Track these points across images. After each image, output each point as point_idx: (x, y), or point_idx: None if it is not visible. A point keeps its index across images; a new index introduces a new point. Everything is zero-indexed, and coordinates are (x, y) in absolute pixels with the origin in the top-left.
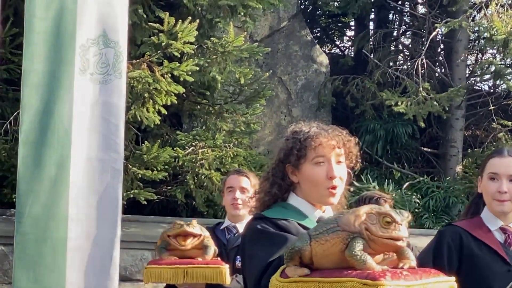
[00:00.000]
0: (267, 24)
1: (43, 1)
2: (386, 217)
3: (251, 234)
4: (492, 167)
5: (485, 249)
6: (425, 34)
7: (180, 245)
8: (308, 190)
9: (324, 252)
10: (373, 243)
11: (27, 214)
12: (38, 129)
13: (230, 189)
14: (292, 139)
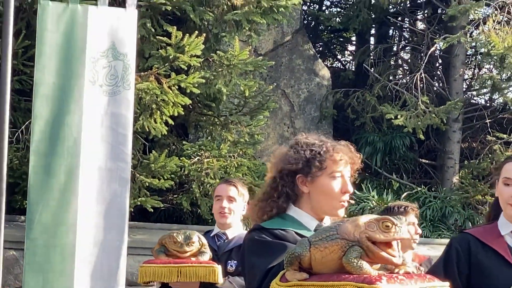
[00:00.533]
0: (271, 39)
1: (55, 14)
2: (386, 222)
3: (250, 245)
4: (506, 172)
5: (492, 255)
6: (424, 49)
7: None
8: (320, 201)
9: (323, 258)
10: (371, 254)
11: (37, 221)
12: (49, 139)
13: (218, 198)
14: (309, 151)
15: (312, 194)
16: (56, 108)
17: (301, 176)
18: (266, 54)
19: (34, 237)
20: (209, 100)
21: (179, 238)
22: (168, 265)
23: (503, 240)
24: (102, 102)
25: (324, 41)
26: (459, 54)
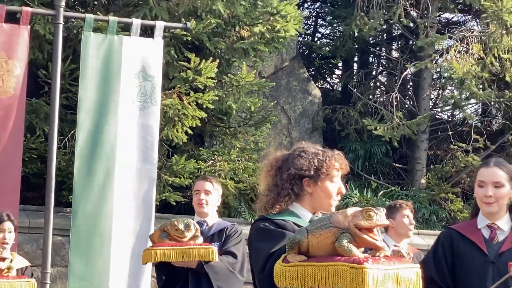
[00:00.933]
0: (272, 64)
1: (96, 43)
2: (368, 211)
3: (256, 232)
4: (480, 176)
5: (470, 245)
6: (398, 73)
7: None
8: (321, 200)
9: (319, 243)
10: (357, 238)
11: (81, 212)
12: (90, 145)
13: (197, 192)
14: (317, 160)
15: (314, 194)
16: (96, 120)
17: (308, 180)
18: (268, 76)
19: (78, 225)
20: (221, 114)
21: (180, 225)
22: (175, 247)
23: (480, 233)
24: (134, 115)
25: (316, 66)
26: (427, 78)
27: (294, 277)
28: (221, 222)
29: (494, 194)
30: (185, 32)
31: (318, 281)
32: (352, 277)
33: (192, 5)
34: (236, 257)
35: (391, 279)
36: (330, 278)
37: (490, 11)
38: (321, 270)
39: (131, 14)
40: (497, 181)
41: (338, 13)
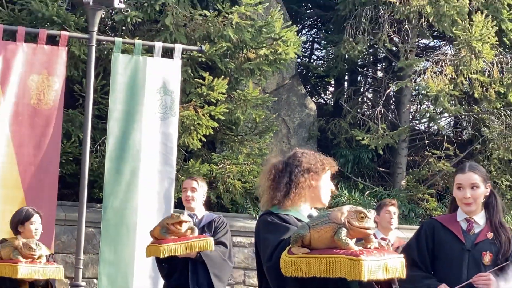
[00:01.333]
0: (275, 82)
1: (123, 62)
2: (361, 214)
3: (263, 224)
4: (457, 180)
5: (449, 234)
6: (382, 90)
7: (179, 230)
8: (321, 191)
9: (319, 237)
10: (352, 231)
11: (110, 206)
12: (118, 149)
13: (185, 189)
14: (320, 160)
15: (316, 186)
16: (124, 128)
17: (312, 174)
18: (271, 92)
19: (107, 219)
20: (230, 124)
21: (176, 219)
22: (179, 242)
23: (458, 224)
24: (156, 124)
25: (312, 84)
26: (407, 94)
27: (299, 267)
28: (209, 214)
29: (471, 195)
30: (200, 54)
31: (320, 270)
32: (350, 267)
33: (206, 30)
34: (226, 246)
35: (381, 268)
36: (330, 268)
37: (461, 39)
38: (322, 261)
39: (154, 38)
40: (473, 183)
41: (331, 38)
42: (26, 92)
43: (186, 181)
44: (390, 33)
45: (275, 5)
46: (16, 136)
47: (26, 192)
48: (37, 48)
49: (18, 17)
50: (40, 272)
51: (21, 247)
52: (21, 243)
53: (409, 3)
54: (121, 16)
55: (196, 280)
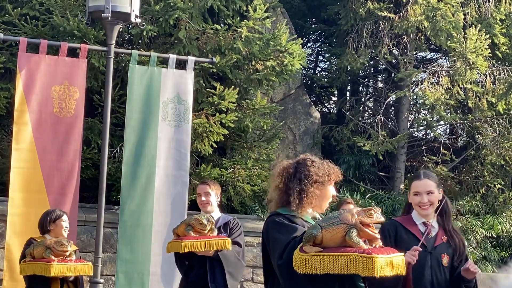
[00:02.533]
0: (281, 91)
1: (139, 73)
2: (369, 211)
3: (273, 225)
4: (414, 187)
5: (411, 235)
6: (382, 100)
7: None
8: (324, 200)
9: (331, 237)
10: (361, 232)
11: (127, 209)
12: (135, 155)
13: (199, 195)
14: (326, 169)
15: (321, 196)
16: (139, 135)
17: (318, 183)
18: (278, 101)
19: (124, 220)
20: (240, 131)
21: (203, 220)
22: (199, 239)
23: (417, 227)
24: (170, 131)
25: (316, 94)
26: (405, 104)
27: (313, 264)
28: (225, 216)
29: (428, 200)
30: (211, 65)
31: (334, 267)
32: (364, 264)
33: (217, 43)
34: (241, 246)
35: (388, 265)
36: (344, 265)
37: (456, 51)
38: (337, 258)
39: (168, 51)
40: (429, 190)
41: (334, 51)
42: (49, 101)
43: (200, 187)
44: (390, 46)
45: (282, 20)
46: (39, 143)
47: (50, 195)
48: (59, 60)
49: (41, 31)
50: (72, 269)
51: (53, 245)
52: (53, 241)
53: (408, 19)
54: (138, 30)
55: (213, 277)
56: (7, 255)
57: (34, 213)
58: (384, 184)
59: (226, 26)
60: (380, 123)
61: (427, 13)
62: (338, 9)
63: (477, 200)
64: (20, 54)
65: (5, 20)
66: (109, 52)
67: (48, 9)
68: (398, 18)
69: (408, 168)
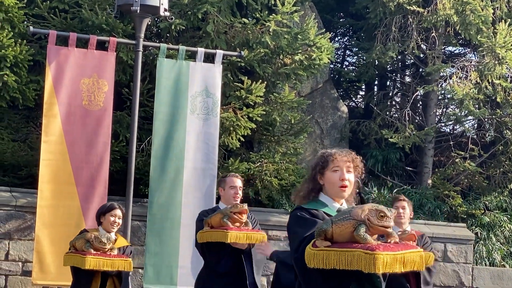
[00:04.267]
0: (309, 85)
1: (168, 67)
2: (381, 213)
3: (294, 218)
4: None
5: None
6: (410, 94)
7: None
8: (328, 188)
9: (341, 232)
10: (371, 228)
11: (155, 202)
12: (163, 149)
13: (233, 187)
14: (320, 157)
15: (325, 184)
16: (168, 128)
17: (318, 174)
18: (306, 95)
19: (153, 213)
20: (267, 125)
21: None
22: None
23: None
24: (198, 125)
25: (344, 88)
26: (433, 98)
27: (320, 259)
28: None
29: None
30: (239, 59)
31: (340, 263)
32: (366, 260)
33: (245, 37)
34: None
35: (398, 262)
36: (348, 260)
37: (485, 46)
38: (341, 254)
39: (196, 44)
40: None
41: (362, 45)
42: (78, 94)
43: (234, 179)
44: (418, 40)
45: (310, 14)
46: (69, 136)
47: (79, 188)
48: (88, 53)
49: (70, 25)
50: (109, 264)
51: (93, 240)
52: (93, 236)
53: (436, 13)
54: (166, 23)
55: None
56: (37, 247)
57: (63, 205)
58: (412, 179)
59: (254, 20)
60: (407, 118)
61: (456, 7)
62: (366, 3)
63: (505, 196)
64: (49, 47)
65: (35, 13)
66: (137, 46)
67: (77, 2)
68: (427, 12)
69: (436, 163)
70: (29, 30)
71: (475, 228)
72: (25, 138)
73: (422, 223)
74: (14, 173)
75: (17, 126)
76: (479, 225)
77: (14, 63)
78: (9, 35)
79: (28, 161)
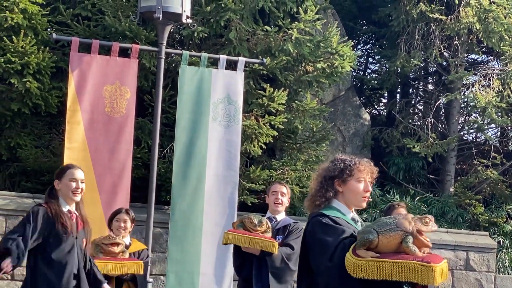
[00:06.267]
0: (331, 93)
1: (190, 74)
2: (425, 219)
3: (319, 225)
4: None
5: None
6: (432, 102)
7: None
8: (350, 197)
9: (388, 243)
10: (416, 240)
11: (177, 208)
12: (185, 155)
13: (274, 193)
14: (343, 164)
15: (345, 192)
16: (190, 135)
17: (338, 180)
18: (328, 103)
19: (175, 220)
20: (289, 133)
21: (255, 220)
22: (243, 235)
23: None
24: (220, 132)
25: (366, 95)
26: (456, 106)
27: (370, 270)
28: (287, 219)
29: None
30: (261, 66)
31: (393, 274)
32: (423, 273)
33: (268, 45)
34: (293, 249)
35: (438, 273)
36: (403, 272)
37: (508, 54)
38: (395, 265)
39: (219, 51)
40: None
41: (385, 53)
42: (101, 101)
43: (277, 185)
44: (441, 48)
45: (333, 22)
46: (91, 142)
47: (102, 194)
48: (110, 60)
49: (93, 32)
50: (118, 267)
51: (102, 243)
52: (102, 239)
53: (459, 20)
54: (189, 30)
55: (259, 276)
56: None
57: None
58: (434, 187)
59: (276, 28)
60: (430, 126)
61: (479, 15)
62: (389, 11)
63: None
64: (72, 54)
65: (58, 20)
66: (160, 53)
67: (100, 9)
68: (450, 20)
69: (458, 171)
70: (52, 37)
71: (497, 236)
72: (48, 144)
73: (444, 231)
74: (37, 179)
75: (40, 133)
76: (502, 234)
77: (37, 70)
78: (32, 42)
79: (50, 167)
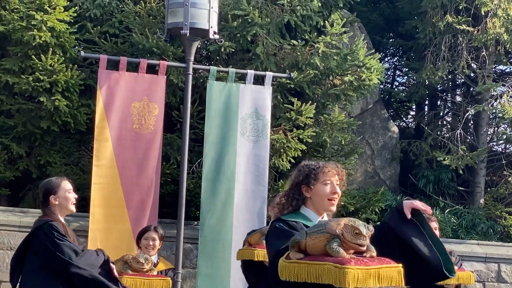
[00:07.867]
0: (359, 106)
1: (218, 89)
2: (356, 230)
3: (271, 230)
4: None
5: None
6: (461, 114)
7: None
8: (317, 201)
9: (314, 244)
10: (344, 244)
11: (207, 224)
12: (214, 171)
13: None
14: (307, 168)
15: (313, 197)
16: (219, 150)
17: (304, 186)
18: (356, 116)
19: (205, 235)
20: (318, 147)
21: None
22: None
23: None
24: (248, 147)
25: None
26: (484, 118)
27: (292, 271)
28: None
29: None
30: (289, 80)
31: (310, 276)
32: (336, 274)
33: (295, 59)
34: None
35: (372, 277)
36: (319, 274)
37: None
38: (312, 267)
39: (246, 66)
40: None
41: (412, 66)
42: (129, 117)
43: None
44: (468, 59)
45: (359, 35)
46: (119, 159)
47: (130, 211)
48: (138, 76)
49: (120, 49)
50: (146, 284)
51: (131, 260)
52: (130, 257)
53: (486, 31)
54: (216, 46)
55: None
56: None
57: (114, 228)
58: (464, 198)
59: (303, 42)
60: (459, 138)
61: (507, 26)
62: (415, 24)
63: None
64: (100, 71)
65: (86, 38)
66: (187, 69)
67: (127, 26)
68: (477, 31)
69: (488, 182)
70: (80, 55)
71: None
72: (77, 161)
73: (475, 243)
74: None
75: (69, 150)
76: None
77: (65, 87)
78: (61, 60)
79: (80, 184)
